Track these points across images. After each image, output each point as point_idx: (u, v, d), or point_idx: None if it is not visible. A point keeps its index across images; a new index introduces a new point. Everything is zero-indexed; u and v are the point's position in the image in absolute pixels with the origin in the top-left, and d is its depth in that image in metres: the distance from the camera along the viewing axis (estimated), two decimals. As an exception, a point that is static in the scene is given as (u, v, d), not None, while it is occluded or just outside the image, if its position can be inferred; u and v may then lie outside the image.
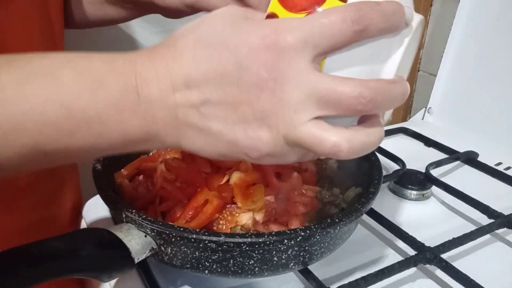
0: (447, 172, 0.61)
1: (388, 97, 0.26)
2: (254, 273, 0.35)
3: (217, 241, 0.32)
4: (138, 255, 0.34)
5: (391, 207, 0.53)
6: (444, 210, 0.53)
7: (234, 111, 0.27)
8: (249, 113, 0.27)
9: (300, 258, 0.36)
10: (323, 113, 0.26)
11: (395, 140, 0.70)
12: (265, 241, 0.33)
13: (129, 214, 0.35)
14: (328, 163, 0.50)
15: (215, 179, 0.42)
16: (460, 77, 0.72)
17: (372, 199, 0.39)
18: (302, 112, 0.26)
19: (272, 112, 0.26)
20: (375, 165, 0.44)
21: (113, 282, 0.41)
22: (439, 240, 0.43)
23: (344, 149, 0.26)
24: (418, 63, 0.83)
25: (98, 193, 0.39)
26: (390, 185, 0.56)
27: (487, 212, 0.48)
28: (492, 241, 0.47)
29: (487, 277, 0.40)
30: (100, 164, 0.42)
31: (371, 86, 0.26)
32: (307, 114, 0.26)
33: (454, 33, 0.72)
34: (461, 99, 0.72)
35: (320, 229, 0.34)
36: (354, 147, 0.26)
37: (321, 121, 0.26)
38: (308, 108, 0.26)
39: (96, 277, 0.33)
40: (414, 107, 0.86)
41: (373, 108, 0.26)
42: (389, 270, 0.39)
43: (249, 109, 0.26)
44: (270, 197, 0.42)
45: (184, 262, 0.35)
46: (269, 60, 0.25)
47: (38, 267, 0.29)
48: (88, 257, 0.32)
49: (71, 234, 0.33)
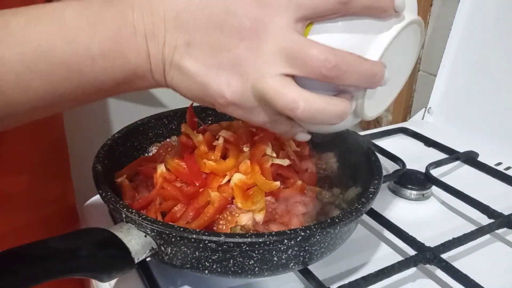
0: (447, 172, 0.61)
1: (354, 70, 0.27)
2: (254, 273, 0.35)
3: (217, 241, 0.32)
4: (138, 255, 0.34)
5: (391, 207, 0.53)
6: (444, 210, 0.53)
7: (213, 56, 0.29)
8: (225, 58, 0.28)
9: (300, 258, 0.36)
10: (291, 71, 0.28)
11: (395, 140, 0.70)
12: (265, 241, 0.33)
13: (129, 214, 0.35)
14: (328, 163, 0.50)
15: (215, 180, 0.42)
16: (460, 77, 0.72)
17: (372, 199, 0.39)
18: (273, 65, 0.28)
19: (247, 60, 0.28)
20: (375, 165, 0.44)
21: (113, 282, 0.41)
22: (439, 240, 0.43)
23: (301, 107, 0.28)
24: (418, 63, 0.83)
25: (98, 193, 0.39)
26: (390, 185, 0.56)
27: (487, 212, 0.48)
28: (492, 241, 0.47)
29: (487, 277, 0.40)
30: (100, 164, 0.42)
31: (339, 54, 0.27)
32: (277, 68, 0.28)
33: (454, 33, 0.72)
34: (461, 99, 0.72)
35: (320, 229, 0.34)
36: (311, 108, 0.28)
37: (288, 79, 0.28)
38: (279, 63, 0.28)
39: (96, 277, 0.33)
40: (414, 107, 0.86)
41: (337, 75, 0.27)
42: (389, 270, 0.39)
43: (226, 54, 0.28)
44: (270, 197, 0.42)
45: (184, 262, 0.35)
46: (254, 11, 0.27)
47: (38, 267, 0.29)
48: (88, 257, 0.32)
49: (71, 234, 0.33)
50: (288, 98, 0.28)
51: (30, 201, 0.52)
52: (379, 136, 0.69)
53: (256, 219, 0.40)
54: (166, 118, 0.54)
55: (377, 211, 0.48)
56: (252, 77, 0.28)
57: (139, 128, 0.51)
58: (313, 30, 0.29)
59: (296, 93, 0.28)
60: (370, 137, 0.68)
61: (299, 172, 0.46)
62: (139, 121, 0.52)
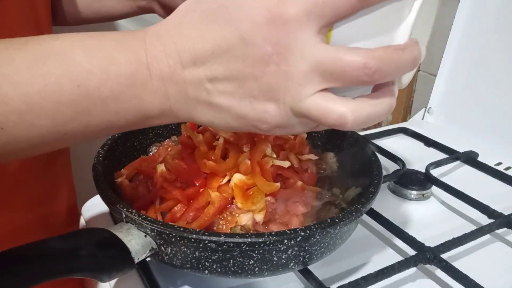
0: (447, 172, 0.61)
1: (396, 65, 0.26)
2: (254, 273, 0.35)
3: (217, 241, 0.32)
4: (138, 255, 0.34)
5: (391, 207, 0.53)
6: (444, 210, 0.53)
7: (241, 86, 0.27)
8: (255, 87, 0.27)
9: (300, 258, 0.36)
10: (328, 85, 0.26)
11: (395, 140, 0.70)
12: (265, 241, 0.33)
13: (129, 214, 0.35)
14: (329, 163, 0.50)
15: (215, 180, 0.42)
16: (460, 77, 0.72)
17: (372, 199, 0.39)
18: (307, 85, 0.26)
19: (278, 86, 0.27)
20: (375, 165, 0.44)
21: (113, 282, 0.41)
22: (439, 240, 0.43)
23: (349, 120, 0.26)
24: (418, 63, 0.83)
25: (98, 193, 0.39)
26: (390, 185, 0.56)
27: (487, 212, 0.48)
28: (492, 241, 0.47)
29: (487, 277, 0.40)
30: (100, 164, 0.42)
31: (376, 55, 0.25)
32: (313, 86, 0.26)
33: (454, 33, 0.72)
34: (461, 99, 0.72)
35: (320, 229, 0.34)
36: (360, 118, 0.27)
37: (327, 93, 0.27)
38: (313, 81, 0.26)
39: (96, 277, 0.33)
40: (414, 107, 0.86)
41: (380, 78, 0.26)
42: (389, 270, 0.39)
43: (255, 83, 0.27)
44: (270, 197, 0.42)
45: (184, 262, 0.35)
46: (272, 34, 0.25)
47: (38, 267, 0.29)
48: (88, 257, 0.32)
49: (71, 234, 0.33)
50: (335, 115, 0.26)
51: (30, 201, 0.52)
52: (379, 136, 0.69)
53: (256, 219, 0.40)
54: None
55: (377, 211, 0.48)
56: (289, 101, 0.27)
57: (139, 128, 0.51)
58: (336, 33, 0.27)
59: (341, 108, 0.26)
60: (370, 137, 0.68)
61: (299, 173, 0.46)
62: (139, 121, 0.52)
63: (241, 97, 0.28)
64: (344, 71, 0.25)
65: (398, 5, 0.27)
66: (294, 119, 0.28)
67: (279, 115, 0.28)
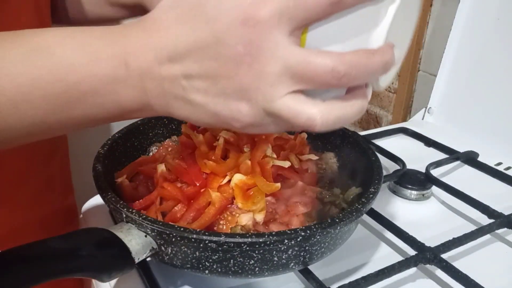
0: (447, 172, 0.61)
1: (365, 70, 0.26)
2: (254, 273, 0.35)
3: (217, 241, 0.32)
4: (138, 255, 0.34)
5: (391, 207, 0.53)
6: (444, 210, 0.53)
7: (215, 85, 0.28)
8: (228, 86, 0.27)
9: (301, 258, 0.36)
10: (299, 87, 0.27)
11: (395, 140, 0.70)
12: (265, 241, 0.33)
13: (130, 214, 0.35)
14: (329, 163, 0.50)
15: (215, 180, 0.42)
16: (460, 77, 0.72)
17: (372, 199, 0.39)
18: (279, 86, 0.27)
19: (250, 86, 0.27)
20: (375, 165, 0.44)
21: (113, 282, 0.41)
22: (439, 240, 0.43)
23: (318, 123, 0.27)
24: (418, 63, 0.83)
25: (98, 193, 0.39)
26: (390, 185, 0.56)
27: (487, 212, 0.48)
28: (492, 241, 0.47)
29: (487, 277, 0.40)
30: (100, 164, 0.42)
31: (345, 60, 0.26)
32: (284, 88, 0.27)
33: (454, 33, 0.72)
34: (461, 99, 0.72)
35: (321, 229, 0.34)
36: (329, 120, 0.27)
37: (298, 95, 0.27)
38: (284, 83, 0.26)
39: (96, 277, 0.33)
40: (414, 107, 0.86)
41: (348, 81, 0.26)
42: (389, 270, 0.39)
43: (228, 83, 0.27)
44: (270, 197, 0.42)
45: (184, 262, 0.35)
46: (245, 35, 0.26)
47: (38, 267, 0.29)
48: (88, 257, 0.32)
49: (71, 234, 0.33)
50: (304, 117, 0.27)
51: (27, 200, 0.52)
52: (379, 136, 0.69)
53: (257, 219, 0.40)
54: (166, 118, 0.54)
55: (377, 211, 0.48)
56: (261, 101, 0.27)
57: (139, 128, 0.51)
58: (311, 36, 0.27)
59: (309, 110, 0.27)
60: (370, 137, 0.68)
61: (299, 173, 0.46)
62: (139, 121, 0.52)
63: (215, 95, 0.28)
64: (313, 74, 0.26)
65: (373, 9, 0.27)
66: (267, 118, 0.28)
67: (251, 114, 0.28)
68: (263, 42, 0.26)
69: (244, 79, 0.27)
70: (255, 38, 0.26)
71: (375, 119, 0.98)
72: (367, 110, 1.13)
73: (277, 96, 0.27)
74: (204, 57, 0.27)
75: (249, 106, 0.28)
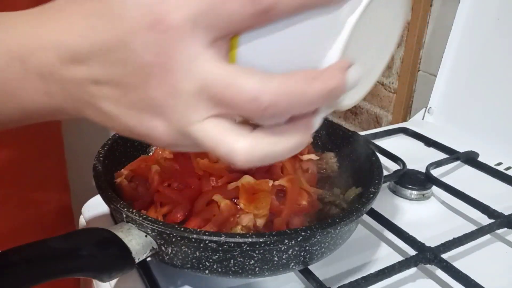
0: (447, 172, 0.61)
1: (298, 100, 0.21)
2: (254, 273, 0.35)
3: (217, 241, 0.32)
4: (139, 255, 0.34)
5: (391, 207, 0.53)
6: (444, 210, 0.53)
7: (125, 95, 0.23)
8: (139, 99, 0.23)
9: (301, 258, 0.36)
10: (220, 112, 0.22)
11: (395, 140, 0.70)
12: (265, 241, 0.33)
13: (130, 214, 0.35)
14: (329, 163, 0.50)
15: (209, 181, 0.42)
16: (460, 77, 0.72)
17: (372, 199, 0.39)
18: (195, 109, 0.22)
19: (163, 102, 0.22)
20: (375, 165, 0.44)
21: (113, 282, 0.41)
22: (439, 240, 0.43)
23: (240, 160, 0.22)
24: (418, 63, 0.83)
25: (98, 193, 0.39)
26: (390, 185, 0.56)
27: (487, 212, 0.48)
28: (492, 241, 0.47)
29: (487, 277, 0.40)
30: (100, 164, 0.42)
31: (272, 88, 0.21)
32: (201, 111, 0.22)
33: (454, 33, 0.72)
34: (461, 99, 0.72)
35: (321, 229, 0.34)
36: (254, 157, 0.22)
37: (220, 121, 0.22)
38: (202, 105, 0.22)
39: (96, 277, 0.32)
40: (414, 107, 0.86)
41: (276, 114, 0.21)
42: (389, 270, 0.39)
43: (139, 95, 0.23)
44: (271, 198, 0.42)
45: (184, 262, 0.35)
46: (153, 41, 0.21)
47: (38, 267, 0.29)
48: (88, 257, 0.32)
49: (71, 234, 0.33)
50: (224, 149, 0.22)
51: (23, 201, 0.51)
52: (379, 136, 0.69)
53: (257, 223, 0.39)
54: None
55: (377, 211, 0.48)
56: (177, 121, 0.23)
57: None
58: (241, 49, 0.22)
59: (232, 142, 0.22)
60: (370, 137, 0.68)
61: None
62: (139, 121, 0.52)
63: (126, 106, 0.23)
64: (233, 100, 0.21)
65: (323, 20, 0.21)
66: (188, 141, 0.24)
67: (168, 134, 0.24)
68: (175, 53, 0.21)
69: (156, 93, 0.22)
70: (166, 47, 0.21)
71: (375, 119, 0.98)
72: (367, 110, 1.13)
73: (194, 119, 0.22)
74: (110, 62, 0.22)
75: (165, 125, 0.23)
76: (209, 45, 0.21)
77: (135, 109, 0.23)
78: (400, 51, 0.87)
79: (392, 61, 0.90)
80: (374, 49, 0.25)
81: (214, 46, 0.21)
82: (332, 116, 1.15)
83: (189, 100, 0.22)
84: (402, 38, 0.86)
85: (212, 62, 0.21)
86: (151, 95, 0.22)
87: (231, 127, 0.22)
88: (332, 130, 0.52)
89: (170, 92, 0.22)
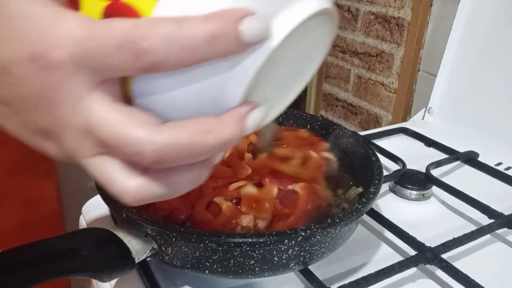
0: (447, 172, 0.61)
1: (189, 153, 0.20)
2: (254, 273, 0.35)
3: (217, 241, 0.32)
4: (139, 255, 0.34)
5: (391, 207, 0.53)
6: (444, 210, 0.53)
7: (15, 115, 0.22)
8: (29, 122, 0.22)
9: (301, 258, 0.36)
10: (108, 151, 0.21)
11: (395, 140, 0.70)
12: (265, 241, 0.33)
13: (130, 214, 0.35)
14: (329, 163, 0.50)
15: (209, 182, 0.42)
16: (460, 77, 0.72)
17: (372, 199, 0.39)
18: (84, 145, 0.21)
19: (53, 129, 0.21)
20: (375, 165, 0.44)
21: (113, 282, 0.41)
22: (439, 240, 0.43)
23: (129, 200, 0.22)
24: (418, 63, 0.83)
25: (98, 193, 0.39)
26: (391, 185, 0.56)
27: (487, 212, 0.48)
28: (492, 241, 0.47)
29: (487, 277, 0.40)
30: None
31: (159, 142, 0.19)
32: (89, 148, 0.21)
33: (454, 33, 0.72)
34: (461, 99, 0.72)
35: (321, 229, 0.34)
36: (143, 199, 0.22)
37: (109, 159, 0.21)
38: (89, 143, 0.21)
39: (96, 277, 0.32)
40: (414, 107, 0.86)
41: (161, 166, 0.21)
42: (389, 270, 0.39)
43: (28, 118, 0.22)
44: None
45: (184, 262, 0.35)
46: (36, 74, 0.20)
47: (38, 267, 0.29)
48: (88, 257, 0.32)
49: (71, 234, 0.33)
50: (114, 188, 0.21)
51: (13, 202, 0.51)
52: (379, 136, 0.69)
53: (258, 225, 0.39)
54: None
55: (377, 211, 0.48)
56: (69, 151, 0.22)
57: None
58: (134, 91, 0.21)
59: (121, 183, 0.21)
60: (370, 137, 0.68)
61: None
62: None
63: (19, 125, 0.22)
64: (118, 150, 0.20)
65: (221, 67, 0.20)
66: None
67: (63, 156, 0.23)
68: (60, 90, 0.20)
69: (45, 121, 0.21)
70: (50, 83, 0.20)
71: (375, 119, 0.98)
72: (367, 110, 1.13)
73: (83, 154, 0.21)
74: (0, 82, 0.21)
75: (58, 149, 0.22)
76: (95, 86, 0.20)
77: (28, 129, 0.22)
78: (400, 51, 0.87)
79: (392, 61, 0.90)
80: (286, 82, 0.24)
81: (102, 87, 0.20)
82: (332, 116, 1.15)
83: (76, 135, 0.21)
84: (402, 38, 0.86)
85: (99, 105, 0.20)
86: (41, 122, 0.21)
87: (121, 167, 0.21)
88: (332, 130, 0.52)
89: (58, 123, 0.21)
